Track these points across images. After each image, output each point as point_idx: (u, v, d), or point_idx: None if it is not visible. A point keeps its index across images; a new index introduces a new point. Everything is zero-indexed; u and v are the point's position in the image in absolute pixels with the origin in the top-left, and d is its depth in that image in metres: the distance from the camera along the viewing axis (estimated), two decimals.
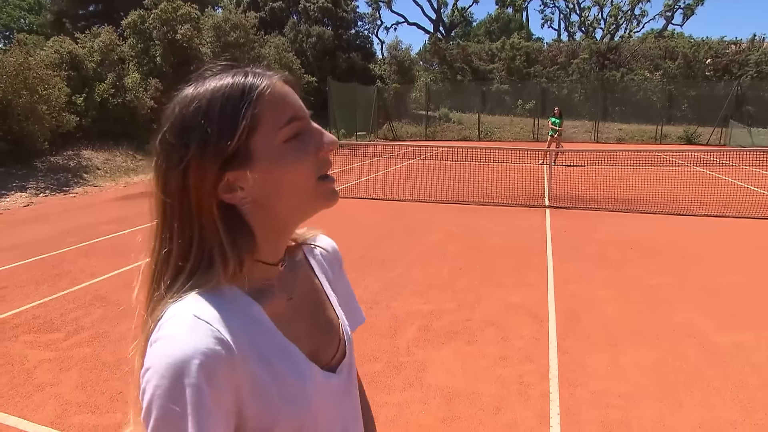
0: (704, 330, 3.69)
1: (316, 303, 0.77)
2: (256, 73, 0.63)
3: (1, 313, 4.09)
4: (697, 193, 8.58)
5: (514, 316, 3.99)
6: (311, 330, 0.72)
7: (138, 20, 15.90)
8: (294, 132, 0.63)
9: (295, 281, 0.73)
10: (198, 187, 0.60)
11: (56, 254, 5.77)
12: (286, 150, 0.62)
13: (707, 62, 26.35)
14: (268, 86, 0.62)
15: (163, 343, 0.55)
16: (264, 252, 0.66)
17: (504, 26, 46.74)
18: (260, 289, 0.66)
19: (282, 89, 0.64)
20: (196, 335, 0.55)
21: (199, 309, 0.58)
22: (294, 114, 0.63)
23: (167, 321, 0.57)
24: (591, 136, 24.18)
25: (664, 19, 41.39)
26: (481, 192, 9.32)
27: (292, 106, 0.64)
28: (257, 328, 0.62)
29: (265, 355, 0.61)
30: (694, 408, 2.74)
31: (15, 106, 10.58)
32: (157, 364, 0.54)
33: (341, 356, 0.75)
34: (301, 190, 0.64)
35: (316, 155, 0.65)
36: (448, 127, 26.56)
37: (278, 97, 0.63)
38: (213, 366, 0.54)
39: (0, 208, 8.94)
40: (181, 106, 0.61)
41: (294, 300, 0.71)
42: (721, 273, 4.95)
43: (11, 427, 2.65)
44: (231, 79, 0.62)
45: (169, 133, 0.61)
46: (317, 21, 26.51)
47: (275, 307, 0.66)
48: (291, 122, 0.63)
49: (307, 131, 0.65)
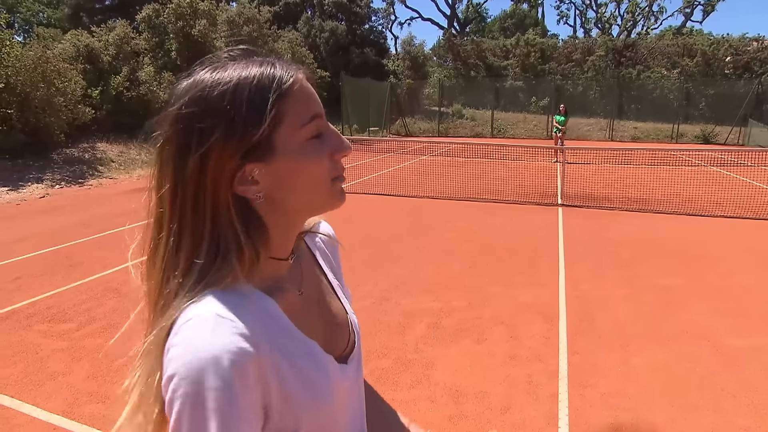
0: (718, 332, 3.62)
1: (324, 295, 0.76)
2: (284, 65, 0.62)
3: (16, 303, 4.16)
4: (714, 194, 8.43)
5: (524, 314, 3.96)
6: (323, 323, 0.71)
7: (153, 14, 16.03)
8: (316, 130, 0.62)
9: (302, 274, 0.73)
10: (216, 176, 0.57)
11: (70, 245, 5.85)
12: (308, 147, 0.61)
13: (727, 60, 25.86)
14: (297, 81, 0.61)
15: (186, 347, 0.53)
16: (275, 247, 0.65)
17: (519, 22, 46.31)
18: (272, 284, 0.65)
19: (308, 86, 0.63)
20: (222, 334, 0.53)
21: (220, 308, 0.55)
22: (317, 112, 0.63)
23: (186, 323, 0.54)
24: (606, 135, 23.91)
25: (683, 15, 40.66)
26: (494, 189, 9.26)
27: (316, 103, 0.63)
28: (276, 324, 0.61)
29: (287, 351, 0.60)
30: (707, 412, 2.70)
31: (33, 98, 10.73)
32: (183, 370, 0.51)
33: (351, 347, 0.75)
34: (316, 188, 0.63)
35: (332, 157, 0.64)
36: (461, 123, 26.43)
37: (305, 92, 0.62)
38: (243, 364, 0.53)
39: (17, 199, 9.08)
40: (203, 89, 0.58)
41: (304, 294, 0.70)
42: (737, 274, 4.86)
43: (25, 415, 2.69)
44: (259, 68, 0.60)
45: (188, 115, 0.57)
46: (331, 16, 26.51)
47: (288, 302, 0.65)
48: (314, 120, 0.62)
49: (326, 131, 0.64)
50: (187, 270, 0.58)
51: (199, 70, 0.60)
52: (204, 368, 0.51)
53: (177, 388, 0.51)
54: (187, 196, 0.58)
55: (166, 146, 0.58)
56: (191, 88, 0.58)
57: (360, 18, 28.08)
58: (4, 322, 3.80)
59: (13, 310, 4.02)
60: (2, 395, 2.85)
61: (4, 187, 9.54)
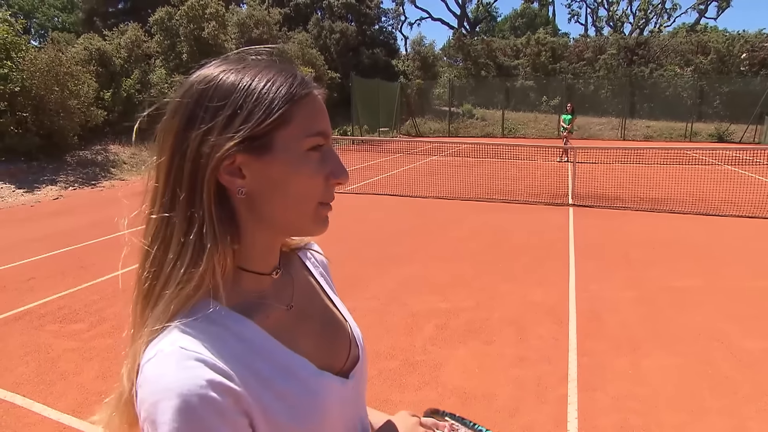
0: (733, 335, 3.56)
1: (320, 308, 0.74)
2: (303, 77, 0.62)
3: (28, 303, 4.22)
4: (728, 193, 8.30)
5: (533, 316, 3.92)
6: (319, 337, 0.69)
7: (165, 17, 16.19)
8: (317, 144, 0.61)
9: (293, 288, 0.70)
10: (212, 155, 0.56)
11: (82, 246, 5.93)
12: (307, 159, 0.60)
13: (743, 56, 25.44)
14: (312, 95, 0.62)
15: (150, 388, 0.50)
16: (252, 260, 0.62)
17: (530, 21, 46.01)
18: (252, 302, 0.62)
19: (320, 103, 0.63)
20: (186, 371, 0.50)
21: (184, 339, 0.53)
22: (323, 129, 0.62)
23: (149, 362, 0.52)
24: (618, 134, 23.66)
25: (696, 12, 40.14)
26: (504, 189, 9.21)
27: (325, 122, 0.63)
28: (251, 348, 0.58)
29: (265, 376, 0.57)
30: (720, 416, 2.64)
31: (47, 101, 10.89)
32: (154, 413, 0.49)
33: (354, 360, 0.73)
34: (300, 205, 0.61)
35: (327, 180, 0.62)
36: (472, 123, 26.33)
37: (317, 107, 0.62)
38: (218, 396, 0.50)
39: (32, 200, 9.23)
40: (221, 73, 0.58)
41: (295, 308, 0.68)
42: (753, 276, 4.77)
43: (36, 414, 2.72)
44: (280, 71, 0.60)
45: (200, 91, 0.57)
46: (341, 17, 26.57)
47: (273, 319, 0.63)
48: (319, 135, 0.61)
49: (329, 153, 0.63)
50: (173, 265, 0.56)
51: (214, 65, 0.61)
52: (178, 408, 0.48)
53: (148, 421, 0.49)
54: (183, 169, 0.56)
55: (172, 118, 0.58)
56: (210, 72, 0.59)
57: (370, 19, 28.10)
58: (17, 322, 3.85)
59: (26, 311, 4.07)
60: (15, 394, 2.89)
61: (20, 189, 9.69)
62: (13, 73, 10.36)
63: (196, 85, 0.58)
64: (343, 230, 1.40)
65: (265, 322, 0.61)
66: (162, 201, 0.58)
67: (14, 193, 9.52)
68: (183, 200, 0.56)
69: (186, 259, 0.56)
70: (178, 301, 0.56)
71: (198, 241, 0.56)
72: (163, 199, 0.58)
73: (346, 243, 5.63)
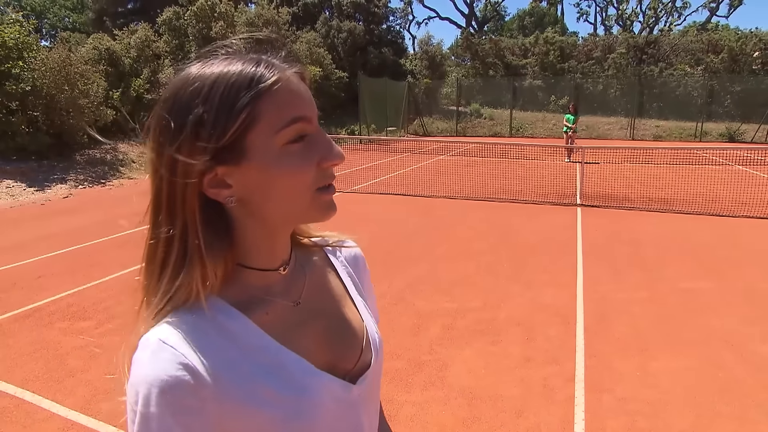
0: (744, 338, 3.51)
1: (335, 305, 0.71)
2: (269, 63, 0.57)
3: (38, 301, 4.26)
4: (739, 193, 8.19)
5: (541, 316, 3.90)
6: (325, 336, 0.66)
7: (174, 17, 16.28)
8: (296, 134, 0.57)
9: (304, 285, 0.68)
10: (185, 174, 0.55)
11: (91, 244, 5.97)
12: (287, 154, 0.56)
13: (755, 55, 25.10)
14: (279, 80, 0.56)
15: (132, 375, 0.54)
16: (255, 257, 0.62)
17: (538, 20, 45.74)
18: (254, 297, 0.61)
19: (293, 86, 0.58)
20: (157, 362, 0.53)
21: (167, 332, 0.55)
22: (299, 114, 0.57)
23: (136, 351, 0.55)
24: (627, 133, 23.46)
25: (708, 10, 39.75)
26: (512, 189, 9.17)
27: (299, 105, 0.57)
28: (236, 344, 0.58)
29: (245, 372, 0.57)
30: (731, 420, 2.61)
31: (58, 101, 10.99)
32: (131, 397, 0.54)
33: (364, 366, 0.69)
34: (294, 199, 0.58)
35: (319, 166, 0.59)
36: (479, 122, 26.22)
37: (286, 93, 0.56)
38: (175, 394, 0.52)
39: (42, 199, 9.32)
40: (182, 84, 0.55)
41: (303, 305, 0.66)
42: (765, 278, 4.71)
43: (45, 410, 2.75)
44: (240, 65, 0.56)
45: (165, 109, 0.55)
46: (349, 16, 26.56)
47: (272, 316, 0.62)
48: (294, 123, 0.56)
49: (313, 137, 0.59)
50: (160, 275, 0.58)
51: (190, 64, 0.58)
52: (142, 395, 0.52)
53: (126, 409, 0.55)
54: (161, 194, 0.57)
55: (150, 136, 0.57)
56: (176, 83, 0.56)
57: (378, 18, 28.06)
58: (27, 320, 3.89)
59: (36, 308, 4.11)
60: (24, 391, 2.92)
61: (31, 188, 9.79)
62: (25, 72, 10.47)
63: (163, 102, 0.56)
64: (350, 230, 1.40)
65: (262, 318, 0.61)
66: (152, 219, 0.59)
67: (25, 191, 9.62)
68: (164, 219, 0.57)
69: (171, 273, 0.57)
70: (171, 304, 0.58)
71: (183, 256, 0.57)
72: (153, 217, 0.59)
73: (352, 240, 5.57)
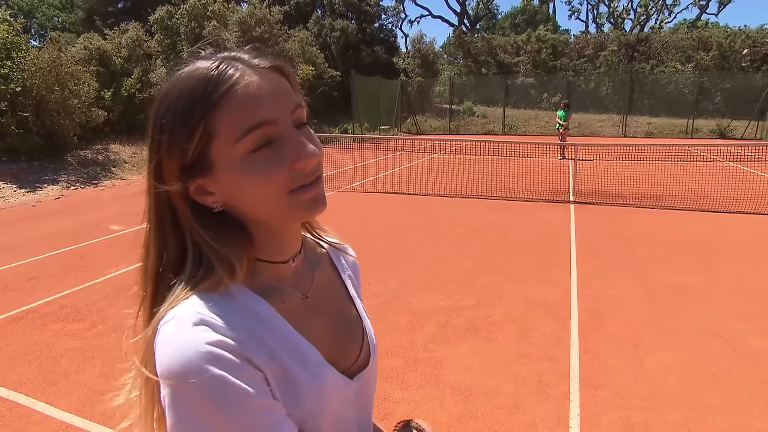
0: (736, 332, 3.55)
1: (338, 304, 0.73)
2: (230, 62, 0.55)
3: (31, 302, 4.22)
4: (730, 189, 8.28)
5: (535, 313, 3.92)
6: (330, 331, 0.68)
7: (166, 16, 16.16)
8: (257, 142, 0.54)
9: (312, 279, 0.69)
10: (169, 184, 0.57)
11: (84, 246, 5.93)
12: (252, 161, 0.54)
13: (744, 52, 25.31)
14: (234, 85, 0.53)
15: (166, 347, 0.52)
16: (264, 250, 0.62)
17: (530, 18, 45.85)
18: (270, 286, 0.63)
19: (252, 87, 0.54)
20: (199, 330, 0.52)
21: (201, 307, 0.54)
22: (257, 121, 0.54)
23: (166, 323, 0.53)
24: (618, 130, 23.60)
25: (697, 8, 40.05)
26: (505, 187, 9.19)
27: (258, 110, 0.54)
28: (263, 326, 0.58)
29: (275, 351, 0.57)
30: (723, 413, 2.64)
31: (48, 101, 10.89)
32: (169, 368, 0.51)
33: (363, 363, 0.71)
34: (269, 203, 0.57)
35: (291, 168, 0.56)
36: (472, 121, 26.26)
37: (242, 99, 0.53)
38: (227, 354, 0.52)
39: (33, 200, 9.23)
40: (159, 99, 0.57)
41: (310, 299, 0.67)
42: (755, 273, 4.76)
43: (39, 413, 2.73)
44: (199, 71, 0.55)
45: (150, 123, 0.57)
46: (341, 15, 26.50)
47: (288, 305, 0.63)
48: (252, 131, 0.53)
49: (282, 140, 0.56)
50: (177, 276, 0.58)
51: (174, 69, 0.58)
52: (186, 364, 0.50)
53: (169, 388, 0.51)
54: (151, 202, 0.59)
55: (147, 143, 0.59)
56: (159, 94, 0.58)
57: (370, 16, 28.00)
58: (20, 322, 3.86)
59: (28, 310, 4.08)
60: (18, 393, 2.89)
61: (21, 189, 9.70)
62: (14, 73, 10.36)
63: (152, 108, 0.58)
64: (344, 228, 1.40)
65: (280, 306, 0.62)
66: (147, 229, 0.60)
67: (16, 192, 9.53)
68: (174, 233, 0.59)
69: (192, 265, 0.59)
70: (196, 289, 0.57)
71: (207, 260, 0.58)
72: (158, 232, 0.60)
73: (347, 241, 5.58)
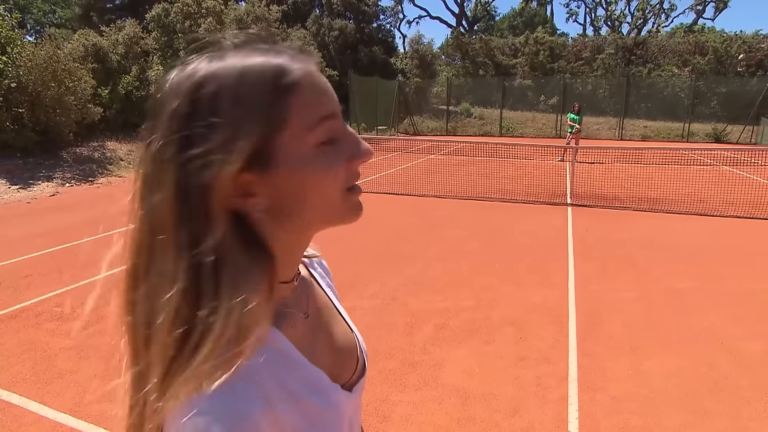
0: (733, 337, 3.55)
1: (329, 318, 0.70)
2: (291, 53, 0.52)
3: (25, 301, 4.18)
4: (726, 193, 8.31)
5: (533, 316, 3.92)
6: (330, 348, 0.66)
7: (162, 13, 16.09)
8: (327, 134, 0.52)
9: (307, 297, 0.66)
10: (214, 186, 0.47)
11: (79, 243, 5.88)
12: (316, 155, 0.51)
13: (740, 57, 25.49)
14: (306, 74, 0.51)
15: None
16: (281, 269, 0.56)
17: (528, 21, 45.98)
18: (277, 311, 0.57)
19: (319, 78, 0.53)
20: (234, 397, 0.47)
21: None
22: (330, 111, 0.52)
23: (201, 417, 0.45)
24: (615, 134, 23.70)
25: (694, 13, 40.27)
26: (503, 188, 9.20)
27: (329, 101, 0.52)
28: (282, 361, 0.55)
29: (293, 390, 0.54)
30: (721, 418, 2.64)
31: (44, 98, 10.81)
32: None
33: (360, 373, 0.69)
34: (327, 202, 0.54)
35: (349, 165, 0.54)
36: (470, 122, 26.31)
37: (316, 87, 0.51)
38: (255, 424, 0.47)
39: (28, 197, 9.16)
40: (198, 84, 0.47)
41: (310, 318, 0.64)
42: (752, 277, 4.78)
43: (33, 413, 2.69)
44: (261, 58, 0.50)
45: (183, 115, 0.47)
46: (339, 14, 26.48)
47: (296, 329, 0.60)
48: (325, 121, 0.51)
49: (342, 135, 0.54)
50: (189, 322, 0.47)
51: (195, 60, 0.50)
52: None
53: None
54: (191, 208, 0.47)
55: (163, 147, 0.48)
56: (185, 81, 0.48)
57: (368, 16, 27.99)
58: (14, 320, 3.82)
59: (23, 308, 4.04)
60: (11, 393, 2.86)
61: (15, 185, 9.62)
62: (9, 68, 10.28)
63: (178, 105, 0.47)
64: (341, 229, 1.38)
65: (291, 333, 0.58)
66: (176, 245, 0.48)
67: (10, 189, 9.45)
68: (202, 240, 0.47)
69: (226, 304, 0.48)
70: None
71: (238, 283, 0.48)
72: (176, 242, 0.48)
73: (345, 242, 5.59)
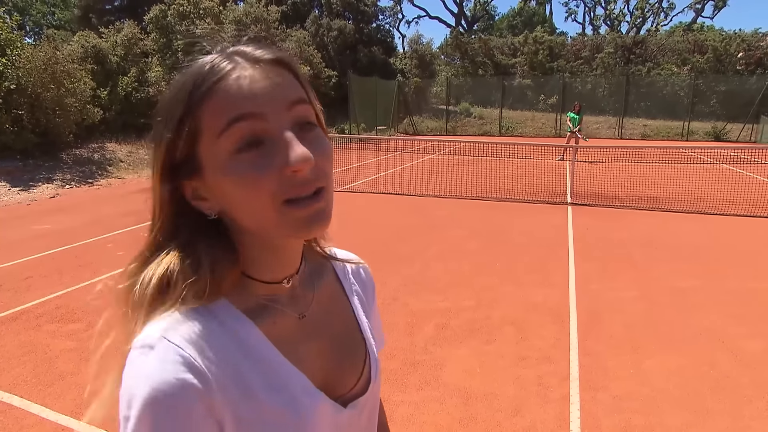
0: (734, 335, 3.55)
1: (338, 326, 0.67)
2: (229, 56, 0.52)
3: (26, 303, 4.18)
4: (726, 192, 8.31)
5: (534, 315, 3.91)
6: (325, 355, 0.63)
7: (160, 14, 16.09)
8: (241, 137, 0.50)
9: (312, 298, 0.64)
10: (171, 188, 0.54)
11: (79, 245, 5.88)
12: (237, 162, 0.50)
13: (739, 56, 25.50)
14: (223, 77, 0.50)
15: (130, 372, 0.49)
16: (258, 268, 0.58)
17: (527, 20, 45.98)
18: (261, 305, 0.58)
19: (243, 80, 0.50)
20: (163, 364, 0.48)
21: (173, 329, 0.50)
22: (242, 112, 0.49)
23: (134, 350, 0.49)
24: (615, 132, 23.70)
25: (693, 11, 40.28)
26: (502, 188, 9.20)
27: (245, 102, 0.50)
28: (243, 350, 0.54)
29: (250, 384, 0.53)
30: (722, 417, 2.64)
31: (43, 99, 10.81)
32: (126, 401, 0.48)
33: (361, 390, 0.66)
34: (256, 213, 0.52)
35: (280, 173, 0.50)
36: (469, 122, 26.31)
37: (228, 91, 0.50)
38: (180, 399, 0.47)
39: (28, 199, 9.16)
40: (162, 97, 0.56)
41: (308, 319, 0.62)
42: (753, 276, 4.77)
43: (34, 415, 2.69)
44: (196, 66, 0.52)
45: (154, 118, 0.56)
46: (339, 15, 26.46)
47: (279, 326, 0.59)
48: (234, 123, 0.49)
49: (271, 140, 0.51)
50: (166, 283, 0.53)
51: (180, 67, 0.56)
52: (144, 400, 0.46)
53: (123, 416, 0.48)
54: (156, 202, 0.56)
55: None
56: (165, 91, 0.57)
57: (367, 16, 27.98)
58: (15, 322, 3.82)
59: (23, 310, 4.04)
60: (12, 395, 2.86)
61: (16, 187, 9.62)
62: (9, 70, 10.28)
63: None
64: (341, 229, 1.39)
65: (270, 328, 0.57)
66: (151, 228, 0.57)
67: (10, 191, 9.45)
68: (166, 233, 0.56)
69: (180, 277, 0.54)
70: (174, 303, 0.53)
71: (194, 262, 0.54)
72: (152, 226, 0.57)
73: (344, 242, 5.53)
